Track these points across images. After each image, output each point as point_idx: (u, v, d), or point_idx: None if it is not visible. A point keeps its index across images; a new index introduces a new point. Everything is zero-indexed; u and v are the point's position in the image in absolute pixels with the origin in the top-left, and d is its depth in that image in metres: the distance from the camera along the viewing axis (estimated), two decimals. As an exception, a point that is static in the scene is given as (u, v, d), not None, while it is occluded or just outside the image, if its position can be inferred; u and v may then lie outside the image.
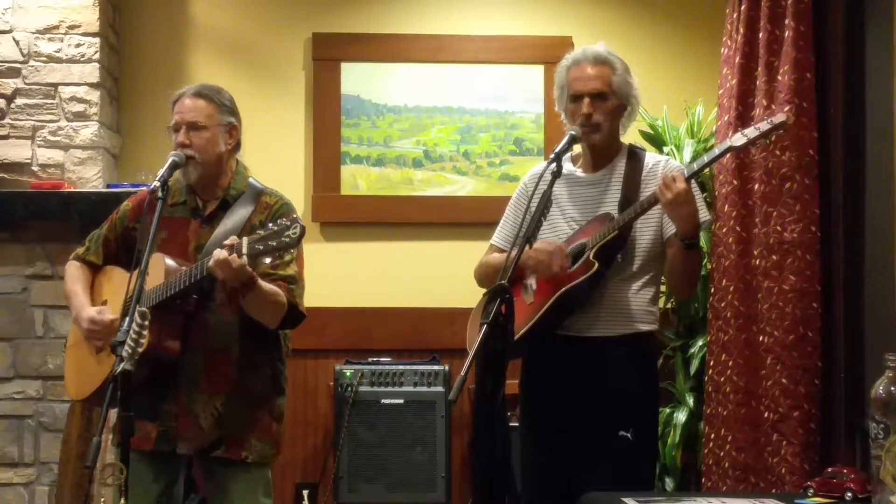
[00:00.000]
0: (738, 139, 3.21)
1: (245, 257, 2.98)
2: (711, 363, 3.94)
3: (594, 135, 3.31)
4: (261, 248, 2.96)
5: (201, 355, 3.26)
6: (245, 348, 3.29)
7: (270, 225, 2.99)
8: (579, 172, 3.43)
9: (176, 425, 3.27)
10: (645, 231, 3.32)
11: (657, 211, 3.26)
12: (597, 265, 3.22)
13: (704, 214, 3.36)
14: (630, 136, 3.54)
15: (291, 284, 3.24)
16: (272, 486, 3.42)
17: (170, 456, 3.31)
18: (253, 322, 3.24)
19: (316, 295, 4.63)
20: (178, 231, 3.32)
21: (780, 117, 3.20)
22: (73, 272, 3.46)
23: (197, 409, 3.26)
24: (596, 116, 3.29)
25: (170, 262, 3.21)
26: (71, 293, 3.41)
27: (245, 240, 2.98)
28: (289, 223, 2.96)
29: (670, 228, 3.27)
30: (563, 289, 3.24)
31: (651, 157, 3.44)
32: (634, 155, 3.40)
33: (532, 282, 3.35)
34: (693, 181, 3.24)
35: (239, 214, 3.30)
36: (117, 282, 3.36)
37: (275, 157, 5.10)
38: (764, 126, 3.19)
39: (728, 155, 3.45)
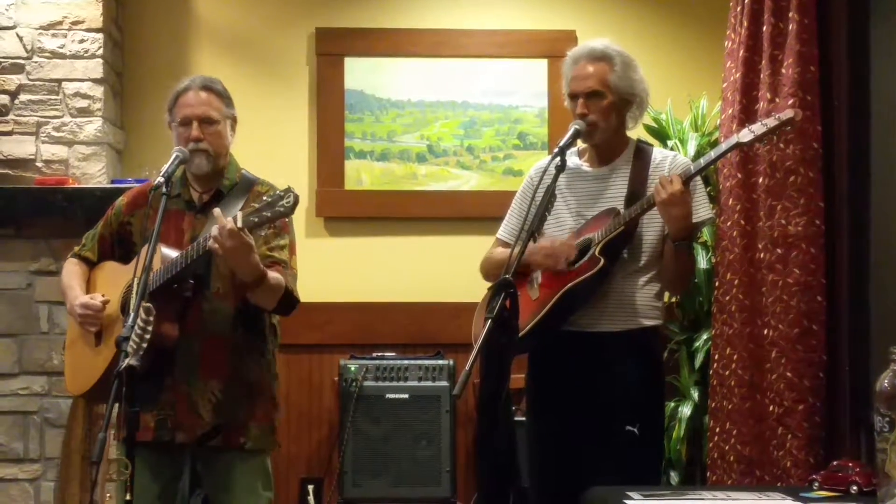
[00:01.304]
0: (745, 135, 3.19)
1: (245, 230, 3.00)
2: (716, 357, 3.93)
3: (593, 134, 3.31)
4: (255, 219, 2.98)
5: (198, 342, 3.27)
6: (240, 335, 3.31)
7: (265, 198, 3.02)
8: (585, 167, 3.42)
9: (174, 413, 3.27)
10: (651, 227, 3.31)
11: (663, 207, 3.25)
12: (602, 261, 3.22)
13: (706, 212, 3.36)
14: (634, 130, 3.54)
15: (286, 269, 3.27)
16: (272, 478, 3.42)
17: (170, 450, 3.31)
18: (248, 310, 3.27)
19: (320, 290, 4.66)
20: (174, 223, 3.33)
21: (787, 114, 3.18)
22: (70, 268, 3.48)
23: (196, 397, 3.27)
24: (591, 116, 3.29)
25: (167, 250, 3.22)
26: (66, 287, 3.43)
27: (240, 213, 3.01)
28: (282, 193, 2.98)
29: (670, 225, 3.26)
30: (569, 285, 3.24)
31: (658, 152, 3.43)
32: (641, 150, 3.40)
33: (537, 276, 3.34)
34: (697, 176, 3.24)
35: (233, 205, 3.32)
36: (112, 275, 3.37)
37: (278, 153, 5.11)
38: (771, 122, 3.17)
39: (732, 150, 3.44)
